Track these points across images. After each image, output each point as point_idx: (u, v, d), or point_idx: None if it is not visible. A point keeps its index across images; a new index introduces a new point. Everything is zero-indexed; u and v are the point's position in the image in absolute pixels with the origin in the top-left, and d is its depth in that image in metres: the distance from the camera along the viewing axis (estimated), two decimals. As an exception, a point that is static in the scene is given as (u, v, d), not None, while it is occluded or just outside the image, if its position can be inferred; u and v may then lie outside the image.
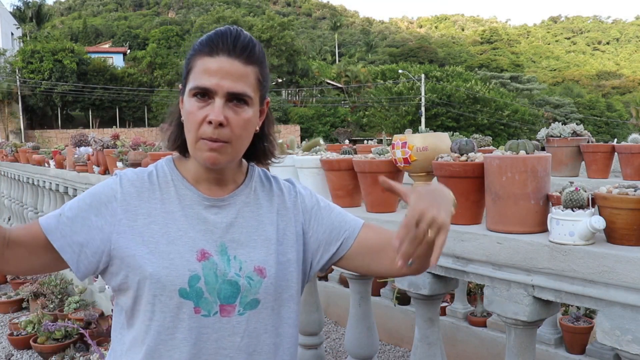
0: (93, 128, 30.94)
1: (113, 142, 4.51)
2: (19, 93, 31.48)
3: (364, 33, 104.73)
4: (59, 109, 33.45)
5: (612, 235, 1.43)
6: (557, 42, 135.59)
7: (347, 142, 9.62)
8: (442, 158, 1.79)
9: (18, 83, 31.41)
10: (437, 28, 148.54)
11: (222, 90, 1.08)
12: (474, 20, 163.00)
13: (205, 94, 1.09)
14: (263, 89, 1.16)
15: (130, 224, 1.13)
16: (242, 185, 1.23)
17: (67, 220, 1.12)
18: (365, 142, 4.78)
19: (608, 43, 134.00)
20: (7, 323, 5.02)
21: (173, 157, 1.24)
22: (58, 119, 33.83)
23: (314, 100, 41.72)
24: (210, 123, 1.07)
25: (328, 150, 2.49)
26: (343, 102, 42.12)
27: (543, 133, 3.25)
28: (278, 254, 1.19)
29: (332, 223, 1.26)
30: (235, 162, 1.20)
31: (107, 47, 50.41)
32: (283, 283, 1.18)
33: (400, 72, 40.67)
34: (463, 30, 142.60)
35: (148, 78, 35.95)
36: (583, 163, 3.23)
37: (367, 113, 39.43)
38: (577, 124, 3.23)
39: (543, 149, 2.95)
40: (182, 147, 1.18)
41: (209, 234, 1.15)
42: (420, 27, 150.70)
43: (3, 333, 4.84)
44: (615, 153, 3.14)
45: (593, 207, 1.46)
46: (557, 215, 1.45)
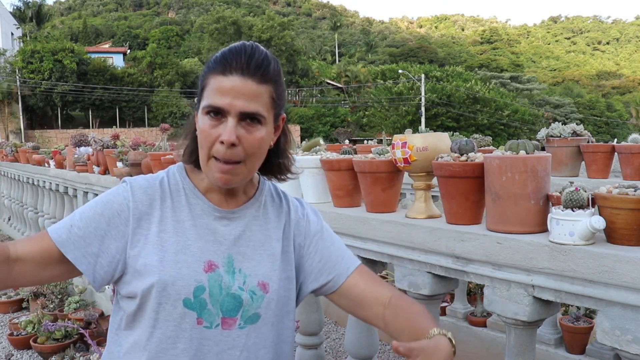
0: (93, 128, 30.94)
1: (113, 142, 4.52)
2: (19, 93, 31.46)
3: (364, 33, 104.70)
4: (59, 109, 33.44)
5: (612, 235, 1.43)
6: (557, 42, 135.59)
7: (347, 142, 9.62)
8: (442, 158, 1.79)
9: (18, 83, 31.40)
10: (437, 28, 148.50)
11: (234, 110, 1.06)
12: (474, 20, 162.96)
13: (218, 113, 1.08)
14: (277, 107, 1.15)
15: (144, 232, 1.13)
16: (252, 199, 1.22)
17: (78, 231, 1.11)
18: (365, 142, 4.79)
19: (608, 43, 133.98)
20: (7, 323, 5.02)
21: (185, 165, 1.23)
22: (58, 119, 33.82)
23: (314, 100, 41.71)
24: (223, 143, 1.06)
25: (328, 150, 2.49)
26: (343, 102, 42.11)
27: (543, 133, 3.25)
28: (281, 270, 1.19)
29: (329, 255, 1.26)
30: None
31: (107, 47, 50.40)
32: (284, 300, 1.19)
33: (400, 72, 40.65)
34: (463, 30, 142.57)
35: (148, 78, 35.93)
36: (583, 163, 3.23)
37: (367, 113, 39.42)
38: (577, 124, 3.23)
39: (543, 149, 2.95)
40: (197, 160, 1.16)
41: (217, 245, 1.15)
42: (420, 27, 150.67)
43: (3, 333, 4.84)
44: (615, 153, 3.14)
45: (593, 207, 1.46)
46: (557, 215, 1.45)
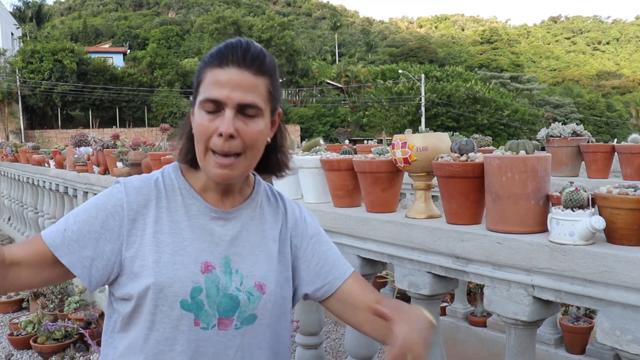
0: (93, 128, 30.95)
1: (113, 142, 4.51)
2: (19, 93, 31.45)
3: (364, 33, 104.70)
4: (59, 109, 33.43)
5: (612, 235, 1.43)
6: (557, 42, 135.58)
7: (347, 142, 9.62)
8: (442, 158, 1.79)
9: (18, 83, 31.39)
10: (437, 28, 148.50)
11: (232, 102, 1.06)
12: (474, 20, 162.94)
13: (216, 106, 1.07)
14: (274, 101, 1.14)
15: (139, 234, 1.12)
16: (249, 199, 1.22)
17: (72, 235, 1.10)
18: (365, 142, 4.79)
19: (608, 43, 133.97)
20: (7, 323, 5.02)
21: (180, 164, 1.22)
22: (58, 119, 33.82)
23: (314, 100, 41.71)
24: (221, 135, 1.06)
25: (328, 150, 2.49)
26: (343, 102, 42.11)
27: (543, 133, 3.25)
28: (278, 271, 1.19)
29: (326, 259, 1.26)
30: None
31: (107, 47, 50.39)
32: (280, 300, 1.18)
33: (400, 72, 40.66)
34: (463, 30, 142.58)
35: (148, 78, 35.92)
36: (583, 163, 3.23)
37: (367, 113, 39.42)
38: (577, 124, 3.22)
39: (543, 149, 2.95)
40: (193, 160, 1.16)
41: (214, 246, 1.15)
42: (420, 27, 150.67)
43: (3, 333, 4.84)
44: (615, 153, 3.14)
45: (593, 207, 1.46)
46: (557, 215, 1.45)
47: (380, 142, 3.38)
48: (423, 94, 36.20)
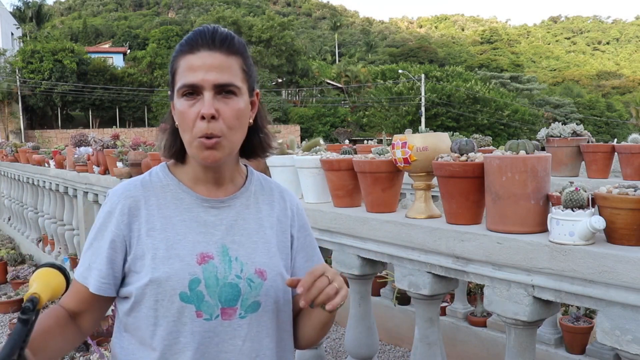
0: (93, 128, 30.96)
1: (113, 142, 4.51)
2: (19, 93, 31.47)
3: (364, 33, 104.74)
4: (59, 109, 33.44)
5: (612, 235, 1.43)
6: (557, 42, 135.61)
7: (347, 142, 9.62)
8: (442, 158, 1.79)
9: (18, 83, 31.40)
10: (437, 28, 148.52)
11: (208, 84, 1.08)
12: (474, 20, 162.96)
13: (194, 91, 1.09)
14: (250, 79, 1.16)
15: (135, 235, 1.14)
16: (242, 189, 1.23)
17: (99, 272, 1.15)
18: (365, 142, 4.79)
19: (608, 43, 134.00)
20: (7, 323, 5.02)
21: (167, 163, 1.24)
22: (58, 119, 33.82)
23: (314, 100, 41.71)
24: (203, 118, 1.07)
25: (328, 150, 2.49)
26: (343, 102, 42.11)
27: (543, 133, 3.25)
28: (278, 258, 1.20)
29: (313, 250, 1.31)
30: (233, 159, 1.20)
31: (107, 47, 50.38)
32: (282, 287, 1.19)
33: (400, 72, 40.66)
34: (463, 30, 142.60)
35: (148, 78, 35.93)
36: (583, 163, 3.23)
37: (367, 113, 39.42)
38: (577, 124, 3.22)
39: (543, 149, 2.95)
40: (178, 154, 1.19)
41: (210, 236, 1.15)
42: (420, 27, 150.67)
43: (3, 333, 4.84)
44: (615, 153, 3.14)
45: (593, 207, 1.46)
46: (557, 215, 1.45)
47: (380, 142, 3.38)
48: (423, 94, 36.20)
